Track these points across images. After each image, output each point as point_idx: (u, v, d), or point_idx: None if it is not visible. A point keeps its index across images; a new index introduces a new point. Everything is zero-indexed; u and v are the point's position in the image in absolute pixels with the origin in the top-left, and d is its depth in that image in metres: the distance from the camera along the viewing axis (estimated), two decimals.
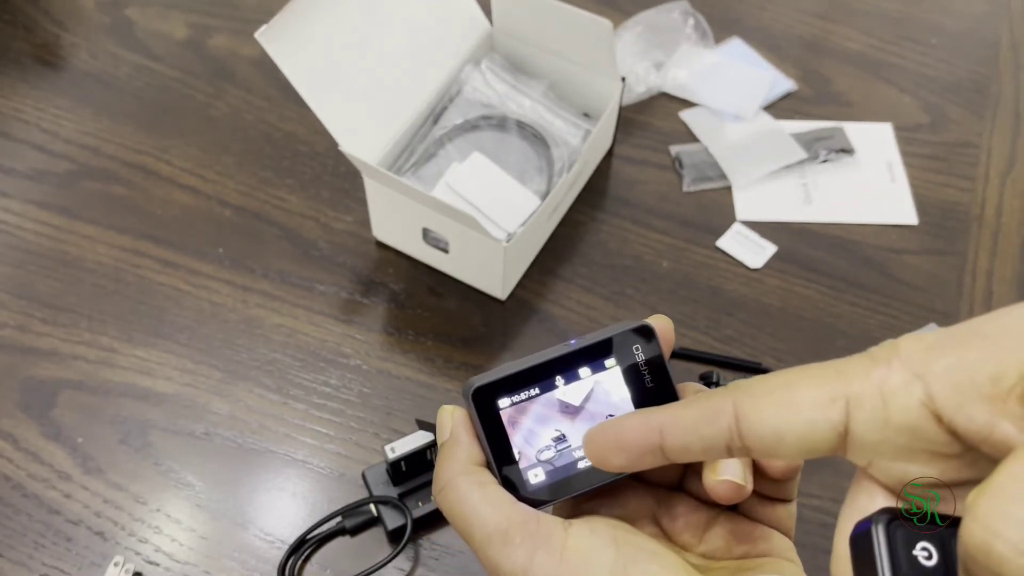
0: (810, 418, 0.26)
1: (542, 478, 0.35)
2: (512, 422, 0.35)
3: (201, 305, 0.76)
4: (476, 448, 0.35)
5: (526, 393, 0.35)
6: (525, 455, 0.35)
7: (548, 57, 0.83)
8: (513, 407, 0.35)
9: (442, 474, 0.34)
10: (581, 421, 0.35)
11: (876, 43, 0.96)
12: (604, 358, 0.35)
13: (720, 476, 0.33)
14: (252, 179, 0.84)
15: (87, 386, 0.72)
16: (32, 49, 0.93)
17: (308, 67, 0.69)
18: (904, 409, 0.25)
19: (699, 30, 0.94)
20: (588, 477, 0.35)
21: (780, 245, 0.81)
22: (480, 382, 0.35)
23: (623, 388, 0.35)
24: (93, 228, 0.80)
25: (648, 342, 0.35)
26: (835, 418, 0.26)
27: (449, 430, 0.35)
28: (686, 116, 0.89)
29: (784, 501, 0.35)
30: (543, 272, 0.79)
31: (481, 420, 0.35)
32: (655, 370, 0.35)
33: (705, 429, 0.29)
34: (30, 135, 0.86)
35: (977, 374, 0.24)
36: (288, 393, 0.72)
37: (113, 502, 0.67)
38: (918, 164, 0.87)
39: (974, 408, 0.24)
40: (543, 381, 0.35)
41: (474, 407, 0.35)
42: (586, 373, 0.35)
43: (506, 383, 0.35)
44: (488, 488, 0.33)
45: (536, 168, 0.79)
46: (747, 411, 0.28)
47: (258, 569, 0.65)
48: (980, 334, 0.24)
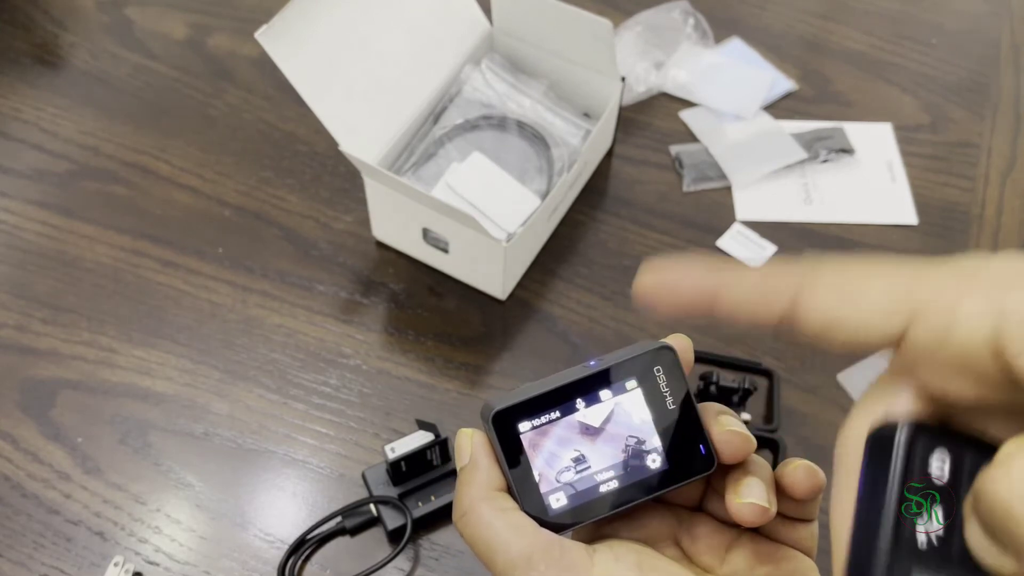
0: (870, 321, 0.26)
1: (564, 502, 0.34)
2: (532, 445, 0.34)
3: (201, 305, 0.76)
4: (496, 472, 0.34)
5: (546, 416, 0.34)
6: (546, 479, 0.34)
7: (548, 57, 0.83)
8: (534, 430, 0.34)
9: (463, 500, 0.33)
10: (602, 443, 0.35)
11: (876, 43, 0.96)
12: (625, 380, 0.35)
13: (744, 499, 0.33)
14: (252, 179, 0.84)
15: (86, 386, 0.72)
16: (31, 49, 0.93)
17: (308, 67, 0.69)
18: (968, 336, 0.25)
19: (699, 30, 0.94)
20: (610, 501, 0.34)
21: (780, 245, 0.81)
22: (500, 406, 0.34)
23: (644, 410, 0.35)
24: (92, 228, 0.80)
25: (669, 363, 0.35)
26: (895, 324, 0.26)
27: (469, 454, 0.34)
28: (686, 116, 0.89)
29: (806, 521, 0.35)
30: (543, 272, 0.79)
31: (501, 444, 0.34)
32: (676, 391, 0.35)
33: (765, 293, 0.28)
34: (29, 135, 0.86)
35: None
36: (288, 393, 0.72)
37: (113, 502, 0.67)
38: (918, 164, 0.87)
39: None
40: (564, 404, 0.35)
41: (494, 431, 0.34)
42: (607, 395, 0.35)
43: (526, 406, 0.34)
44: (510, 513, 0.33)
45: (536, 168, 0.79)
46: (811, 293, 0.27)
47: (258, 569, 0.65)
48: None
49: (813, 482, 0.34)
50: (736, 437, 0.34)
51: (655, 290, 0.30)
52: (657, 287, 0.30)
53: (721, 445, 0.34)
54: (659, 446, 0.35)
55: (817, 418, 0.72)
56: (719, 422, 0.34)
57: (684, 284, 0.30)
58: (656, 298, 0.30)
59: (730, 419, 0.34)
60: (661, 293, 0.30)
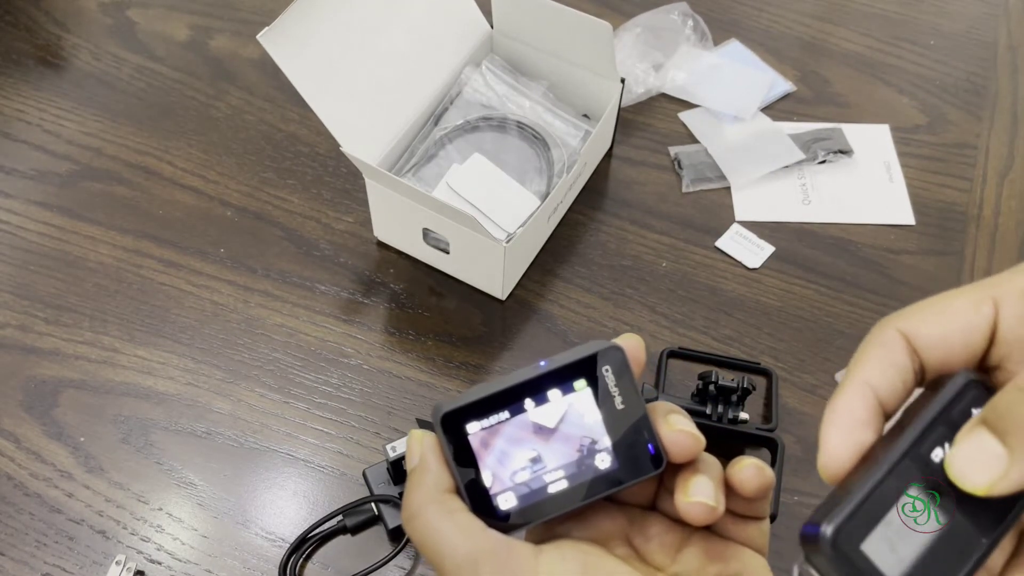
0: (967, 319, 0.29)
1: (513, 503, 0.34)
2: (483, 446, 0.34)
3: (203, 305, 0.77)
4: (446, 474, 0.34)
5: (496, 417, 0.34)
6: (498, 479, 0.34)
7: (548, 58, 0.83)
8: (484, 431, 0.34)
9: (411, 502, 0.33)
10: (556, 443, 0.35)
11: (874, 44, 0.97)
12: (573, 380, 0.35)
13: (692, 498, 0.33)
14: (254, 180, 0.84)
15: (89, 386, 0.72)
16: (34, 50, 0.93)
17: (309, 68, 0.70)
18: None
19: (698, 32, 0.95)
20: (559, 501, 0.34)
21: (778, 245, 0.81)
22: (448, 407, 0.34)
23: (594, 410, 0.35)
24: (95, 228, 0.81)
25: (618, 363, 0.35)
26: (987, 313, 0.29)
27: (419, 456, 0.34)
28: (685, 117, 0.90)
29: (757, 519, 0.35)
30: (543, 272, 0.79)
31: (451, 445, 0.34)
32: (625, 391, 0.35)
33: (894, 361, 0.30)
34: (32, 136, 0.87)
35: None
36: (289, 392, 0.72)
37: (115, 501, 0.67)
38: (916, 165, 0.87)
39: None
40: (513, 404, 0.34)
41: (443, 432, 0.34)
42: (556, 395, 0.35)
43: (475, 407, 0.34)
44: (457, 516, 0.33)
45: (536, 169, 0.79)
46: (912, 330, 0.30)
47: (259, 568, 0.65)
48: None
49: (762, 481, 0.34)
50: (685, 436, 0.34)
51: (835, 452, 0.29)
52: (835, 448, 0.29)
53: (670, 444, 0.34)
54: (608, 446, 0.35)
55: (815, 417, 0.72)
56: (668, 421, 0.34)
57: (846, 422, 0.29)
58: (842, 455, 0.29)
59: (679, 418, 0.35)
60: (840, 449, 0.29)
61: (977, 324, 0.29)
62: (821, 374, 0.74)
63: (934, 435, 0.29)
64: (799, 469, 0.69)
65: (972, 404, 0.29)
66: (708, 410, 0.68)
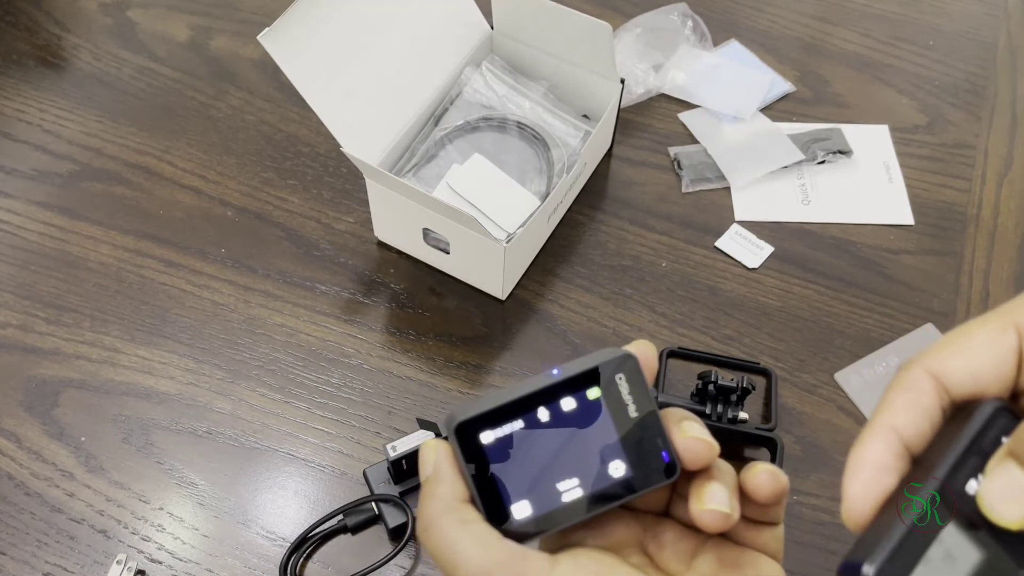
0: (995, 351, 0.29)
1: (528, 512, 0.34)
2: (496, 455, 0.34)
3: (203, 305, 0.77)
4: (460, 484, 0.33)
5: (510, 426, 0.34)
6: (512, 488, 0.34)
7: (548, 59, 0.83)
8: (498, 440, 0.34)
9: (426, 513, 0.33)
10: (570, 451, 0.35)
11: (873, 45, 0.97)
12: (587, 388, 0.35)
13: (707, 505, 0.33)
14: (254, 180, 0.84)
15: (90, 386, 0.72)
16: (35, 51, 0.93)
17: (310, 69, 0.70)
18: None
19: (698, 32, 0.95)
20: (574, 509, 0.34)
21: (778, 245, 0.81)
22: (463, 416, 0.34)
23: (607, 418, 0.35)
24: (96, 228, 0.81)
25: (631, 370, 0.35)
26: (1011, 341, 0.29)
27: (432, 465, 0.34)
28: (685, 117, 0.90)
29: (771, 524, 0.35)
30: (543, 272, 0.79)
31: (464, 454, 0.34)
32: (639, 398, 0.35)
33: (921, 404, 0.30)
34: (33, 136, 0.87)
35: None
36: (290, 392, 0.72)
37: (116, 500, 0.67)
38: (915, 165, 0.88)
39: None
40: (527, 413, 0.34)
41: (457, 442, 0.34)
42: (569, 404, 0.35)
43: (489, 416, 0.34)
44: (472, 526, 0.32)
45: (536, 169, 0.80)
46: (939, 368, 0.30)
47: (260, 567, 0.65)
48: None
49: (776, 486, 0.34)
50: (699, 444, 0.34)
51: (859, 497, 0.30)
52: (859, 493, 0.30)
53: (684, 452, 0.34)
54: (622, 454, 0.35)
55: (815, 417, 0.72)
56: (682, 429, 0.34)
57: (869, 467, 0.30)
58: (865, 501, 0.30)
59: (693, 425, 0.35)
60: (864, 492, 0.30)
61: (1004, 354, 0.29)
62: (820, 374, 0.74)
63: (967, 467, 0.28)
64: (799, 469, 0.70)
65: (1002, 432, 0.29)
66: (707, 410, 0.68)
